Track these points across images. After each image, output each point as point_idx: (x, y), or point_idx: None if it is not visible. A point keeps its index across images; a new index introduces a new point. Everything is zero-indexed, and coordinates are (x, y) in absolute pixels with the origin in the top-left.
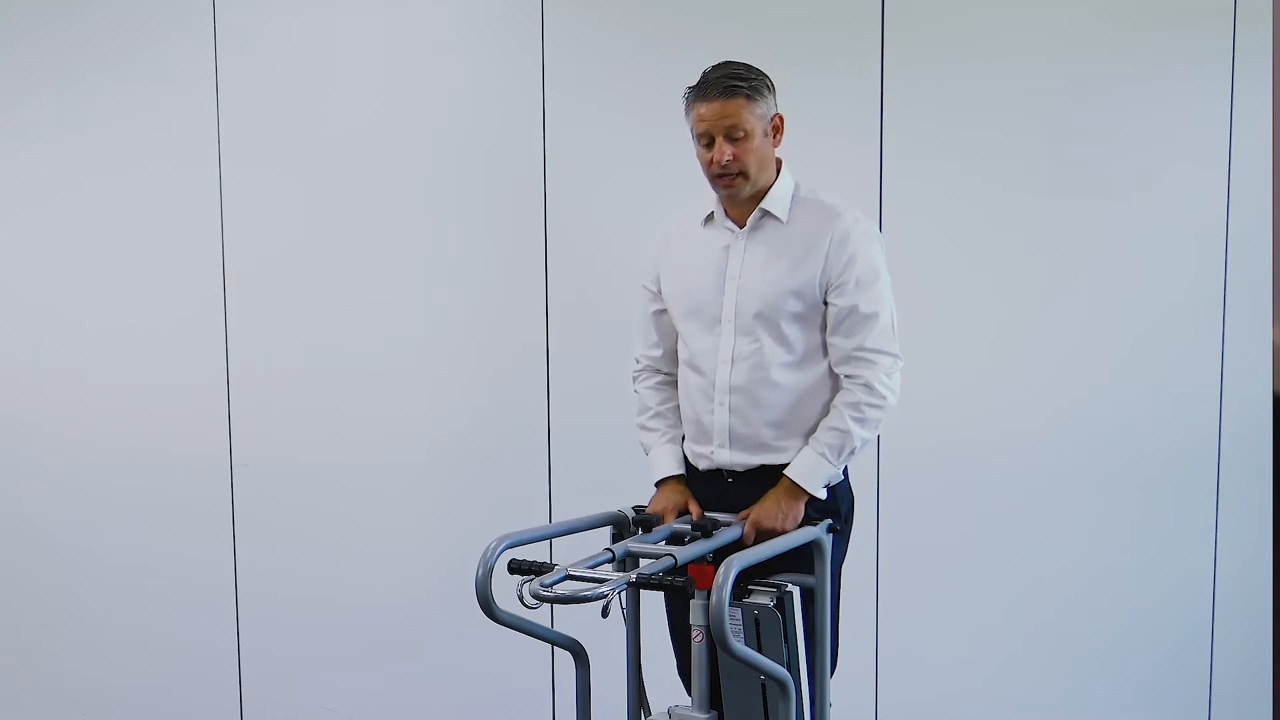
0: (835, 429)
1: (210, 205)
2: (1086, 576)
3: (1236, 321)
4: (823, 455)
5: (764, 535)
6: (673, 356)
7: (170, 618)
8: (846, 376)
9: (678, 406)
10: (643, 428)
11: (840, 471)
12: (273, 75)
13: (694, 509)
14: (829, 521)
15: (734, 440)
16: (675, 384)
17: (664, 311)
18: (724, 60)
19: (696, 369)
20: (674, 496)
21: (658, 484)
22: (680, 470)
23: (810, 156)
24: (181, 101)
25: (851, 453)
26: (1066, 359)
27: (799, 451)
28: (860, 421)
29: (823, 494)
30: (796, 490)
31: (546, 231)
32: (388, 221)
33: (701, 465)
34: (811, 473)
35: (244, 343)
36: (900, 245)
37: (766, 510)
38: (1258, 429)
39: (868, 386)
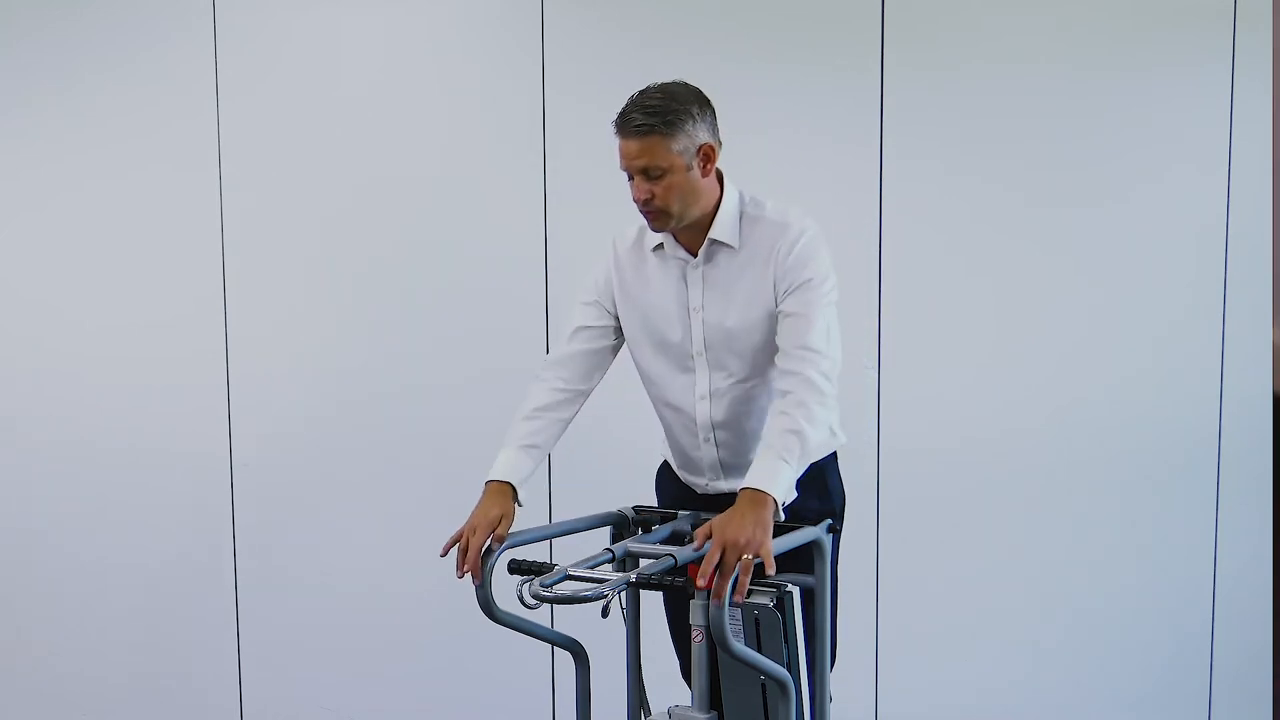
0: (789, 431)
1: (210, 205)
2: (1086, 576)
3: (1236, 321)
4: (782, 459)
5: (732, 551)
6: (583, 374)
7: (170, 618)
8: (786, 373)
9: (560, 420)
10: (513, 424)
11: (799, 473)
12: (273, 75)
13: (503, 528)
14: (829, 521)
15: (727, 470)
16: (571, 402)
17: (597, 330)
18: (645, 87)
19: (673, 407)
20: (493, 508)
21: (486, 483)
22: (513, 480)
23: (810, 156)
24: (181, 101)
25: (809, 455)
26: (1066, 359)
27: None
28: (810, 420)
29: (785, 500)
30: (760, 498)
31: (546, 231)
32: (387, 221)
33: (699, 490)
34: (773, 478)
35: (244, 343)
36: (900, 245)
37: (732, 523)
38: (1258, 429)
39: (808, 381)
